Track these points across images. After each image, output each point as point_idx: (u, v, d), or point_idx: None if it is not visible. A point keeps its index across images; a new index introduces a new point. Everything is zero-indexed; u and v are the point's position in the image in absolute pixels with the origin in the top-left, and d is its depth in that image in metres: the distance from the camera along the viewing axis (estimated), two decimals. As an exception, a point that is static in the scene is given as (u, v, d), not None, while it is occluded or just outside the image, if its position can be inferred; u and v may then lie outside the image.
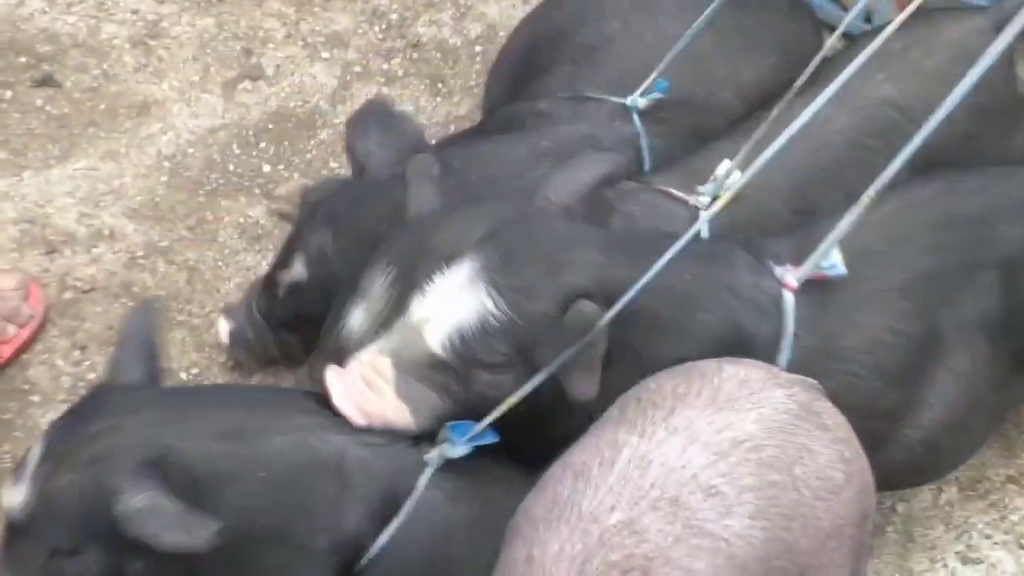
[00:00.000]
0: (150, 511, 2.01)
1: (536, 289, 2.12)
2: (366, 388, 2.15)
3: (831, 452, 2.00)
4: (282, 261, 2.72)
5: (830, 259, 2.26)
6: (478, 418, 2.13)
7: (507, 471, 2.21)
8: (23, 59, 3.47)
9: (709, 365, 2.06)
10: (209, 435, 2.12)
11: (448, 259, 2.18)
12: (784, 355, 2.24)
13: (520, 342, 2.12)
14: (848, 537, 2.01)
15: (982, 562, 2.80)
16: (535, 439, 2.15)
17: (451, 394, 2.16)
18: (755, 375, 2.04)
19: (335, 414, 2.16)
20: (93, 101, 3.41)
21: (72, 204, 3.22)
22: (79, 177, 3.26)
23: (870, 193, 2.11)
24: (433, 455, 2.15)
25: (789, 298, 2.27)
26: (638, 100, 2.80)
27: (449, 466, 2.16)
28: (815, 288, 2.29)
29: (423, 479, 2.15)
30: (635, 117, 2.80)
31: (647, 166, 2.79)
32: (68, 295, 3.06)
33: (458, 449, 2.13)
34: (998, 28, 2.27)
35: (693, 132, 2.81)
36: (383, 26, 3.62)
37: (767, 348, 2.23)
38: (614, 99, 2.82)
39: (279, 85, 3.48)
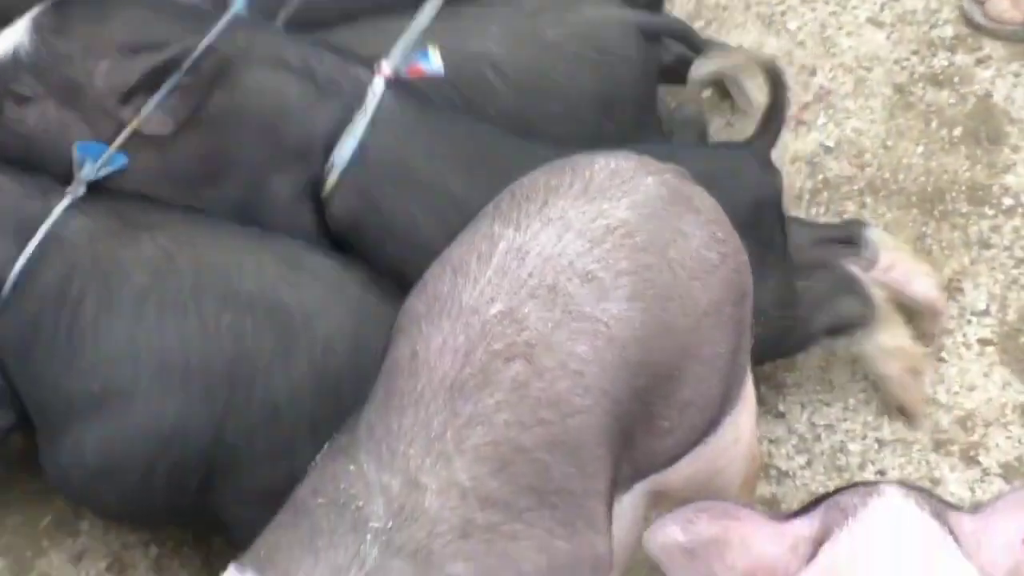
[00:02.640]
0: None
1: (72, 32, 2.41)
2: None
3: (704, 233, 2.04)
4: None
5: (428, 58, 2.48)
6: None
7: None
8: None
9: (581, 159, 2.08)
10: None
11: None
12: (356, 136, 2.46)
13: (46, 78, 2.40)
14: (727, 315, 2.06)
15: None
16: None
17: None
18: (626, 165, 2.06)
19: None
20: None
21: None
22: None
23: None
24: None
25: (379, 83, 2.49)
26: None
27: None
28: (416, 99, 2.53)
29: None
30: None
31: None
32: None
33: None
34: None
35: None
36: None
37: (331, 124, 2.47)
38: None
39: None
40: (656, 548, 1.89)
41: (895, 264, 2.83)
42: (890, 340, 2.78)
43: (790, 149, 3.19)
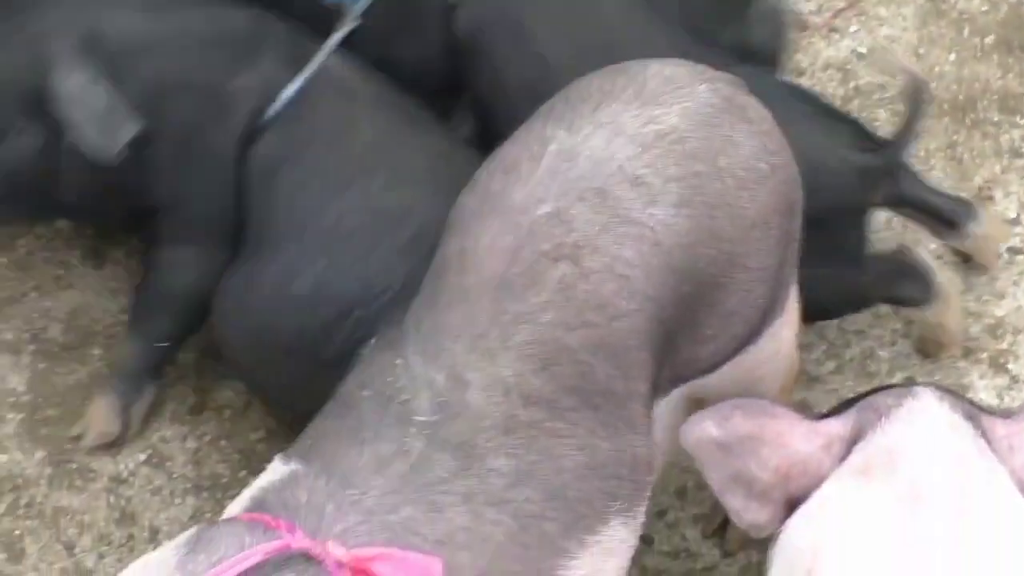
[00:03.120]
0: (81, 95, 2.30)
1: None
2: None
3: (755, 144, 2.04)
4: None
5: None
6: None
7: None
8: None
9: (635, 65, 2.09)
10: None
11: None
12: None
13: None
14: (775, 227, 2.06)
15: None
16: None
17: None
18: (680, 71, 2.06)
19: None
20: None
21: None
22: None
23: None
24: None
25: None
26: None
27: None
28: None
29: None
30: None
31: None
32: None
33: None
34: None
35: None
36: None
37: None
38: None
39: None
40: (691, 443, 1.92)
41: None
42: (933, 317, 2.77)
43: (822, 56, 3.17)
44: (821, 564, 1.78)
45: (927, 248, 2.84)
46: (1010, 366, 2.80)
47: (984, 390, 2.76)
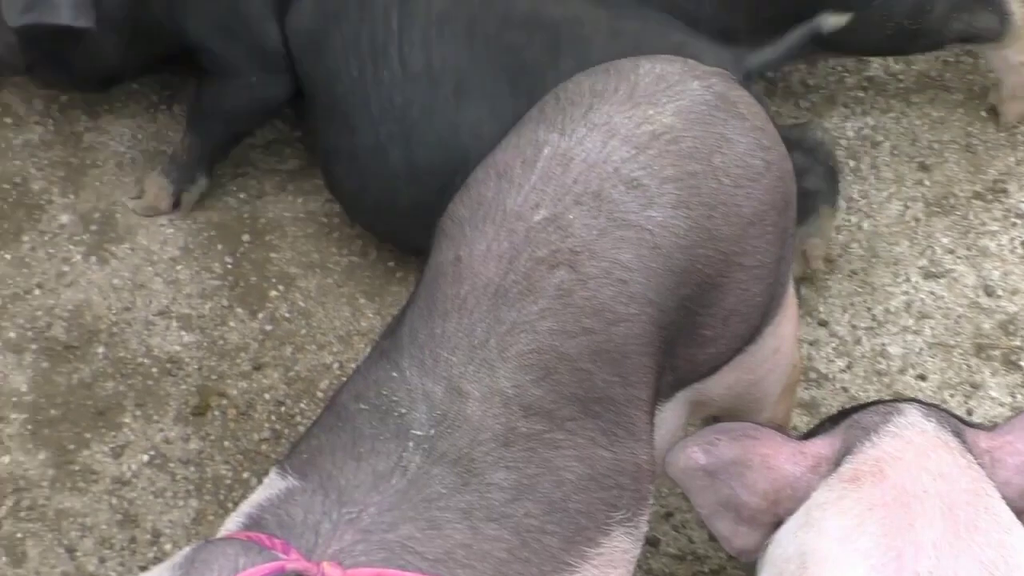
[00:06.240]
0: None
1: None
2: None
3: (749, 140, 2.02)
4: None
5: None
6: None
7: None
8: None
9: (626, 63, 2.06)
10: None
11: None
12: None
13: None
14: (771, 224, 2.04)
15: (944, 276, 2.86)
16: None
17: None
18: (671, 69, 2.04)
19: None
20: None
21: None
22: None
23: None
24: None
25: None
26: None
27: None
28: None
29: None
30: None
31: None
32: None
33: None
34: None
35: None
36: None
37: None
38: None
39: None
40: (677, 471, 1.93)
41: None
42: (1015, 56, 2.92)
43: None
44: (810, 569, 1.78)
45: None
46: (1023, 363, 2.78)
47: (996, 388, 2.75)
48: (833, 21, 2.76)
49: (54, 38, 2.78)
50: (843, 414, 1.97)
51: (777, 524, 1.88)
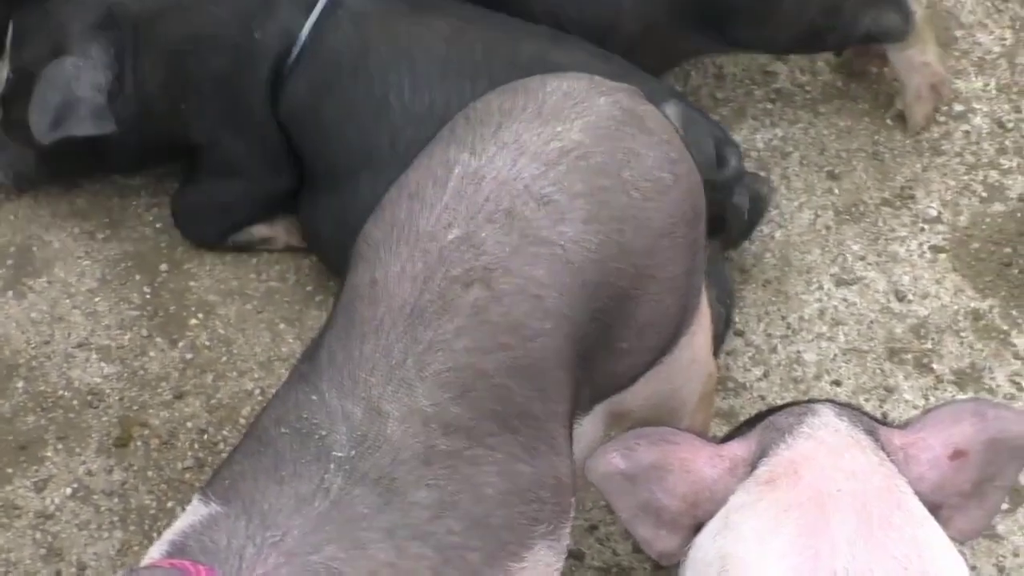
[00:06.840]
0: (53, 79, 2.75)
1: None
2: None
3: (657, 154, 2.05)
4: None
5: None
6: None
7: None
8: None
9: (533, 81, 2.09)
10: None
11: None
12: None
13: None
14: (681, 236, 2.07)
15: (855, 283, 2.90)
16: None
17: None
18: (579, 86, 2.07)
19: None
20: None
21: None
22: None
23: None
24: None
25: None
26: None
27: None
28: None
29: None
30: None
31: None
32: None
33: None
34: None
35: None
36: None
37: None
38: None
39: None
40: (597, 476, 1.95)
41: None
42: (919, 56, 3.00)
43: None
44: (730, 572, 1.81)
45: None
46: (935, 366, 2.82)
47: (910, 391, 2.79)
48: None
49: (71, 146, 2.83)
50: (760, 416, 2.01)
51: (697, 527, 1.91)
